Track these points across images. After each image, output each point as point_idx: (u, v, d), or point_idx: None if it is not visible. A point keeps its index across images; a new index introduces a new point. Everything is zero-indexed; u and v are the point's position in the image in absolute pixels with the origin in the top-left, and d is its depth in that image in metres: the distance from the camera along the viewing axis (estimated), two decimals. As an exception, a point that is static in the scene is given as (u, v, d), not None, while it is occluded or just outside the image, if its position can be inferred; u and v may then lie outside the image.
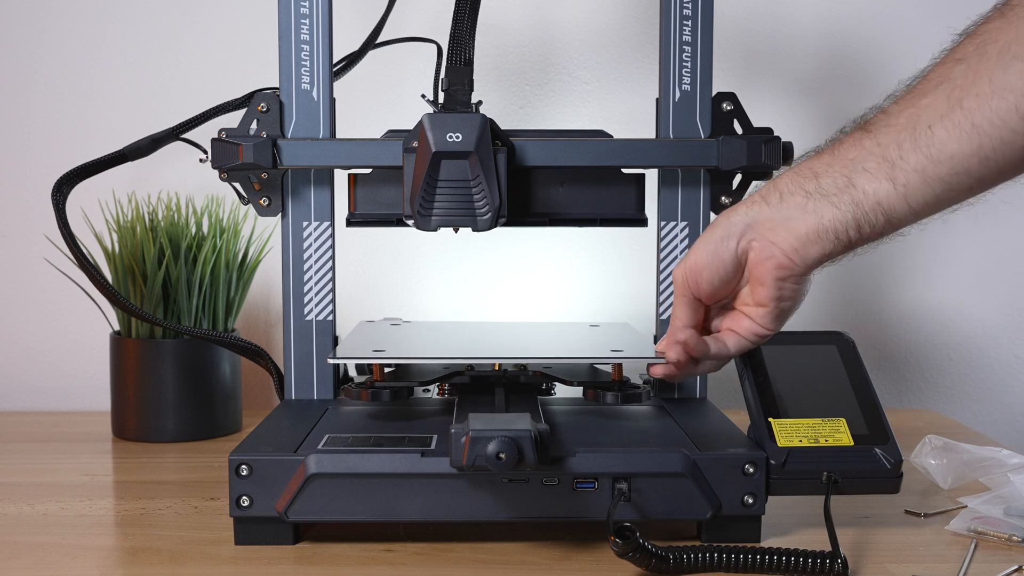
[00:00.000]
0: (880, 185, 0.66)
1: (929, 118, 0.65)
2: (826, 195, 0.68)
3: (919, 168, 0.65)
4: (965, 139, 0.63)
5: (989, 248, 1.27)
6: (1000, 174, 0.65)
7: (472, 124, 0.77)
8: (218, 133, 0.84)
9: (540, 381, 0.86)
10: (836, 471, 0.71)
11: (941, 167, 0.64)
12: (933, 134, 0.64)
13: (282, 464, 0.70)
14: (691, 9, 0.87)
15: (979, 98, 0.62)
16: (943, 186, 0.65)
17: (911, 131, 0.65)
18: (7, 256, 1.24)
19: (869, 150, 0.67)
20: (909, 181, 0.65)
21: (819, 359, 0.78)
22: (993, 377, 1.28)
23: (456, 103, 0.83)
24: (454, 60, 0.84)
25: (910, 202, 0.66)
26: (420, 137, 0.78)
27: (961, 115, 0.63)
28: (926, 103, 0.65)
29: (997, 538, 0.73)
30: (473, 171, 0.77)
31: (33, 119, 1.22)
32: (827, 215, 0.68)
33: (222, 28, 1.21)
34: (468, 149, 0.77)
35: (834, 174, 0.68)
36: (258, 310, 1.24)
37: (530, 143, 0.82)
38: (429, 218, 0.78)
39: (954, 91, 0.64)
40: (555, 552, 0.71)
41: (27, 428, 1.09)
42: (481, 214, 0.78)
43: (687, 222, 0.89)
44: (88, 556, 0.71)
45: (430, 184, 0.77)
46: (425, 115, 0.78)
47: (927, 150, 0.64)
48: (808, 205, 0.69)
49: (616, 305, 1.24)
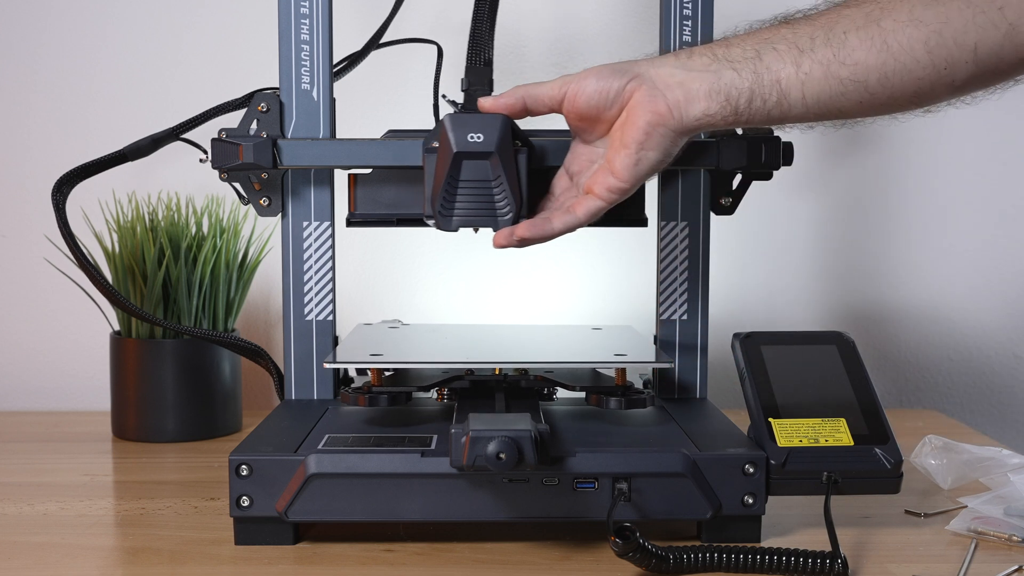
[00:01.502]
0: (784, 66, 0.70)
1: (846, 25, 0.70)
2: (731, 61, 0.71)
3: (824, 62, 0.69)
4: (874, 53, 0.68)
5: (989, 248, 1.27)
6: (889, 100, 0.70)
7: (493, 124, 0.77)
8: (218, 133, 0.84)
9: (541, 386, 0.85)
10: (836, 471, 0.71)
11: (844, 68, 0.69)
12: (846, 38, 0.69)
13: (282, 464, 0.70)
14: (691, 9, 0.87)
15: (896, 22, 0.68)
16: (839, 88, 0.69)
17: (826, 30, 0.70)
18: (7, 256, 1.24)
19: (783, 35, 0.71)
20: (812, 71, 0.70)
21: (819, 359, 0.78)
22: (993, 377, 1.28)
23: (477, 103, 0.83)
24: (474, 60, 0.84)
25: (805, 91, 0.70)
26: (441, 137, 0.77)
27: (876, 31, 0.68)
28: (847, 13, 0.70)
29: (997, 538, 0.73)
30: (494, 171, 0.77)
31: (33, 119, 1.22)
32: (726, 76, 0.71)
33: (222, 28, 1.21)
34: (489, 149, 0.77)
35: (744, 46, 0.72)
36: (258, 310, 1.24)
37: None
38: (450, 218, 0.78)
39: (875, 10, 0.69)
40: (555, 552, 0.71)
41: (27, 428, 1.09)
42: (502, 214, 0.78)
43: (687, 222, 0.89)
44: (88, 556, 0.71)
45: (451, 184, 0.77)
46: (446, 115, 0.77)
47: (836, 49, 0.69)
48: (712, 66, 0.72)
49: (616, 305, 1.24)
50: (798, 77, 0.70)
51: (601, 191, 0.74)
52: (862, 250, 1.27)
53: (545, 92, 0.75)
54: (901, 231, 1.26)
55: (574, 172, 0.78)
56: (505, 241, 0.76)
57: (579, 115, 0.75)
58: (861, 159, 1.26)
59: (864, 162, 1.26)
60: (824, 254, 1.27)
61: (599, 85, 0.73)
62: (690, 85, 0.71)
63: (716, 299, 1.23)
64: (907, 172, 1.26)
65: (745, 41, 0.72)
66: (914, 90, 0.69)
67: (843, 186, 1.26)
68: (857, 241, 1.26)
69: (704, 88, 0.71)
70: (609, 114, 0.74)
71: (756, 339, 0.79)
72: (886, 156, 1.25)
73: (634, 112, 0.72)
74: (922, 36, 0.67)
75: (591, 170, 0.77)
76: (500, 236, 0.76)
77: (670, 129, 0.72)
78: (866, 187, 1.26)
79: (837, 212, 1.26)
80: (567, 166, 0.79)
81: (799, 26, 0.71)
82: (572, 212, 0.75)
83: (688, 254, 0.89)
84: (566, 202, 0.77)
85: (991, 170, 1.26)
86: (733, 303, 1.26)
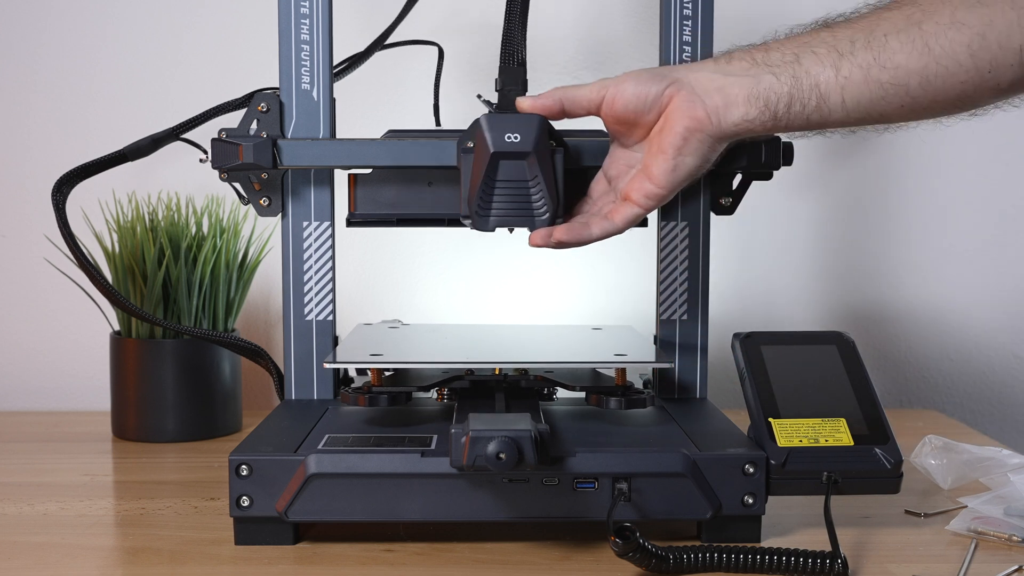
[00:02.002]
0: (824, 69, 0.69)
1: (886, 28, 0.69)
2: (770, 65, 0.71)
3: (864, 65, 0.68)
4: (915, 56, 0.67)
5: (989, 248, 1.27)
6: (932, 104, 0.69)
7: (530, 124, 0.77)
8: (218, 133, 0.84)
9: (541, 386, 0.85)
10: (836, 471, 0.71)
11: (884, 72, 0.68)
12: (887, 42, 0.68)
13: (282, 464, 0.70)
14: (691, 9, 0.87)
15: (938, 25, 0.67)
16: (880, 91, 0.69)
17: (867, 33, 0.69)
18: (7, 256, 1.24)
19: (822, 39, 0.71)
20: (852, 75, 0.69)
21: (819, 359, 0.78)
22: (993, 377, 1.28)
23: (511, 103, 0.83)
24: (507, 61, 0.84)
25: (845, 95, 0.69)
26: (477, 137, 0.77)
27: (917, 34, 0.67)
28: (887, 16, 0.69)
29: (997, 538, 0.73)
30: (531, 171, 0.77)
31: (33, 119, 1.22)
32: (764, 81, 0.70)
33: (222, 28, 1.21)
34: (527, 149, 0.76)
35: (783, 50, 0.71)
36: (258, 310, 1.24)
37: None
38: (487, 219, 0.78)
39: (915, 13, 0.68)
40: (555, 552, 0.71)
41: (27, 428, 1.09)
42: (539, 215, 0.77)
43: (687, 222, 0.89)
44: (88, 556, 0.71)
45: (488, 184, 0.77)
46: (483, 115, 0.77)
47: (877, 52, 0.68)
48: (751, 70, 0.71)
49: (616, 305, 1.24)
50: (837, 81, 0.69)
51: (639, 198, 0.74)
52: (862, 250, 1.27)
53: (584, 95, 0.75)
54: (901, 231, 1.26)
55: (612, 176, 0.78)
56: (542, 242, 0.76)
57: (617, 119, 0.74)
58: (861, 159, 1.26)
59: (864, 162, 1.26)
60: (824, 254, 1.27)
61: (637, 90, 0.72)
62: (729, 90, 0.71)
63: (716, 299, 1.23)
64: (907, 172, 1.26)
65: (784, 45, 0.72)
66: (957, 94, 0.68)
67: (843, 186, 1.26)
68: (857, 241, 1.26)
69: (743, 93, 0.70)
70: (647, 119, 0.73)
71: (756, 339, 0.79)
72: (886, 156, 1.25)
73: (672, 117, 0.72)
74: (965, 39, 0.66)
75: (629, 175, 0.76)
76: (537, 236, 0.76)
77: (708, 135, 0.72)
78: (866, 187, 1.26)
79: (837, 212, 1.26)
80: (605, 170, 0.79)
81: (839, 29, 0.70)
82: (610, 219, 0.75)
83: (688, 254, 0.89)
84: (604, 207, 0.77)
85: (992, 170, 1.26)
86: (733, 303, 1.26)
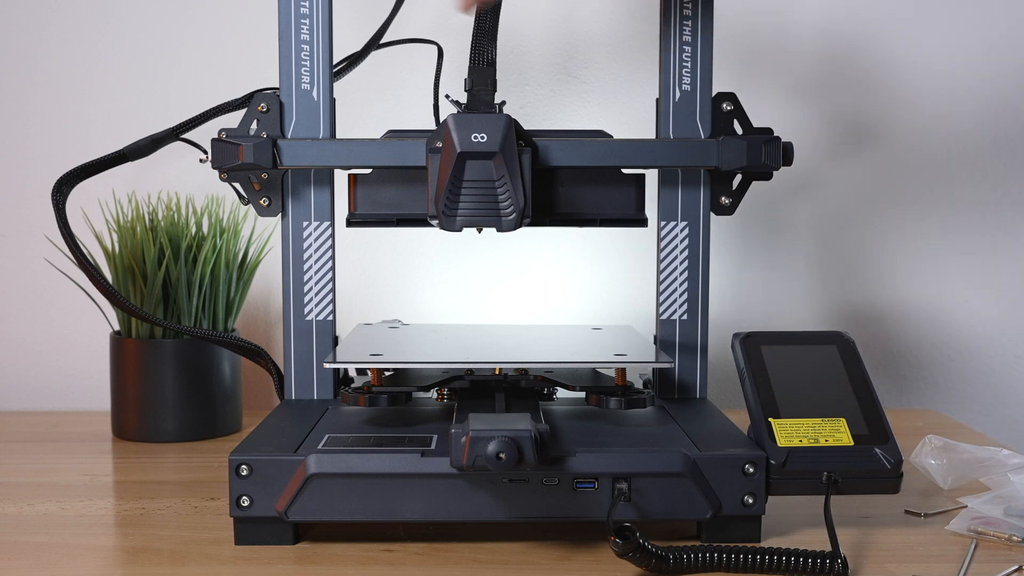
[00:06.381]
0: None
1: None
2: None
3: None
4: None
5: (989, 248, 1.27)
6: None
7: (497, 124, 0.77)
8: (218, 133, 0.84)
9: (541, 386, 0.85)
10: (836, 471, 0.71)
11: None
12: None
13: (282, 464, 0.70)
14: (691, 9, 0.87)
15: None
16: None
17: None
18: (7, 256, 1.24)
19: None
20: None
21: (819, 359, 0.78)
22: (993, 377, 1.28)
23: (480, 103, 0.83)
24: (477, 60, 0.84)
25: None
26: (445, 137, 0.78)
27: None
28: None
29: (997, 538, 0.73)
30: (498, 171, 0.77)
31: (33, 119, 1.22)
32: None
33: (222, 28, 1.21)
34: (493, 149, 0.77)
35: None
36: (258, 310, 1.24)
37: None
38: (454, 218, 0.78)
39: None
40: (555, 552, 0.71)
41: (27, 428, 1.09)
42: (506, 214, 0.78)
43: (687, 222, 0.89)
44: (88, 556, 0.71)
45: (455, 184, 0.77)
46: (450, 115, 0.78)
47: None
48: None
49: (616, 305, 1.24)
50: None
51: None
52: (862, 250, 1.27)
53: None
54: (900, 231, 1.26)
55: None
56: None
57: None
58: (861, 159, 1.26)
59: (864, 162, 1.26)
60: (824, 254, 1.27)
61: None
62: None
63: (716, 299, 1.24)
64: (907, 172, 1.26)
65: None
66: None
67: (843, 186, 1.26)
68: (857, 241, 1.26)
69: None
70: None
71: (756, 339, 0.80)
72: (886, 156, 1.25)
73: None
74: None
75: None
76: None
77: None
78: (866, 187, 1.26)
79: (837, 212, 1.26)
80: None
81: None
82: None
83: (688, 254, 0.89)
84: None
85: (993, 170, 1.26)
86: (733, 303, 1.26)
